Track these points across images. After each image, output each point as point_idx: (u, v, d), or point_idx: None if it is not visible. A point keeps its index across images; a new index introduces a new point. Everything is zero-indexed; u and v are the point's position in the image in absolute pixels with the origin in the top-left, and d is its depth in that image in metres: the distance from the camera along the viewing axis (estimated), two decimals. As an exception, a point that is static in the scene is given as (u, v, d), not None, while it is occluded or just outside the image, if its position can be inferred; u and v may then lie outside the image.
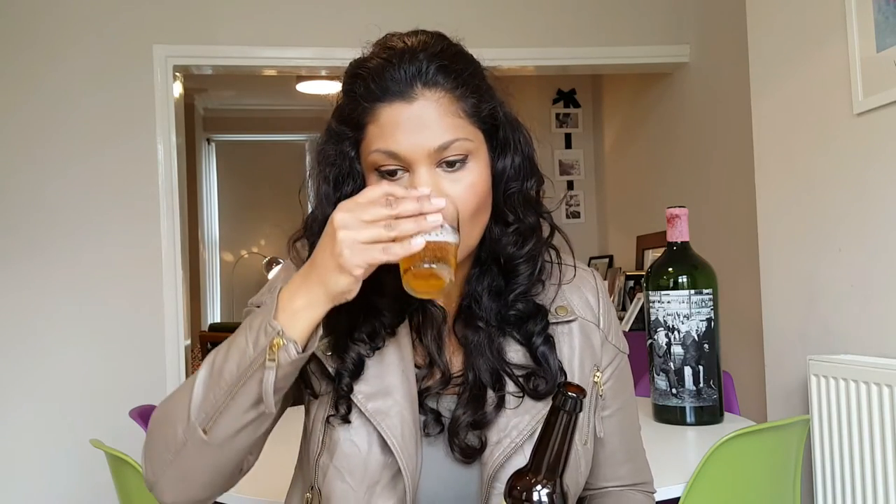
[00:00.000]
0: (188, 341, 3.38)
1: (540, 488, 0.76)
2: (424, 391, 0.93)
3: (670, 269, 1.86)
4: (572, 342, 0.97)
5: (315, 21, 3.31)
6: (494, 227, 0.93)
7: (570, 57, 3.52)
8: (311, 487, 0.93)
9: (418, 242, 0.76)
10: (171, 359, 3.14)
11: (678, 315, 1.81)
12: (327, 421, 0.91)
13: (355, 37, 0.98)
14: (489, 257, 0.95)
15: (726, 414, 1.88)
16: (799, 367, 2.09)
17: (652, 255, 4.06)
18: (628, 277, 4.20)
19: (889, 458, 1.69)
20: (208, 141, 6.51)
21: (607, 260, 4.73)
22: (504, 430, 0.90)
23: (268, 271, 6.47)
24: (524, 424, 0.90)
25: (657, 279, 1.86)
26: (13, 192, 3.07)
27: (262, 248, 6.77)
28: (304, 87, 4.93)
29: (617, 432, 1.02)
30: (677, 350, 1.81)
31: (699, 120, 3.56)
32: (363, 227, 0.76)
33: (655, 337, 1.84)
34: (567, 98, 5.04)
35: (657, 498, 1.11)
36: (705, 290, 1.82)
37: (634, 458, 1.05)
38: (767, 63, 2.28)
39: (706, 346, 1.81)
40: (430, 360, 0.94)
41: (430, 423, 0.92)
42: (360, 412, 0.89)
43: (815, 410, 1.91)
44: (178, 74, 3.34)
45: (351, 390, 0.90)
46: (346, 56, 0.94)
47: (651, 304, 1.86)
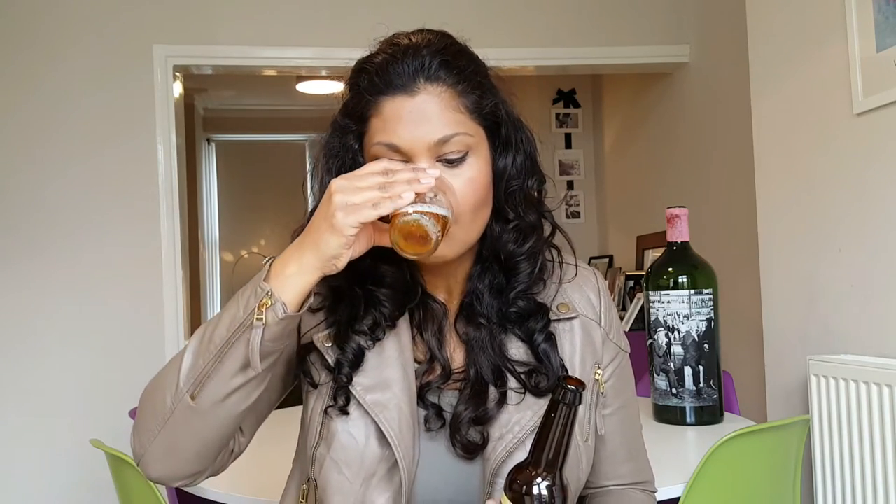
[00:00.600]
0: (188, 341, 3.38)
1: (540, 481, 0.77)
2: (425, 386, 0.93)
3: (670, 269, 1.86)
4: (573, 340, 0.97)
5: (315, 21, 3.31)
6: (495, 224, 0.94)
7: (570, 57, 3.52)
8: (308, 478, 0.93)
9: (408, 196, 0.79)
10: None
11: (678, 315, 1.81)
12: (325, 412, 0.91)
13: (355, 37, 0.99)
14: (490, 255, 0.96)
15: (726, 414, 1.88)
16: (799, 367, 2.09)
17: (652, 255, 4.06)
18: (628, 277, 4.20)
19: (889, 458, 1.69)
20: (208, 141, 6.51)
21: (607, 260, 4.73)
22: (506, 426, 0.91)
23: (268, 271, 6.46)
24: (526, 420, 0.90)
25: (657, 279, 1.86)
26: (13, 192, 3.07)
27: (262, 248, 6.77)
28: (304, 87, 4.93)
29: (618, 430, 1.02)
30: (677, 350, 1.81)
31: (699, 120, 3.56)
32: (358, 190, 0.80)
33: (655, 337, 1.84)
34: (567, 98, 5.04)
35: (657, 498, 1.11)
36: (705, 290, 1.82)
37: (636, 457, 1.05)
38: (767, 63, 2.28)
39: (706, 346, 1.81)
40: (431, 355, 0.94)
41: (432, 417, 0.92)
42: (359, 404, 0.90)
43: (815, 410, 1.91)
44: (178, 74, 3.34)
45: (350, 380, 0.90)
46: (346, 56, 0.95)
47: (651, 304, 1.86)
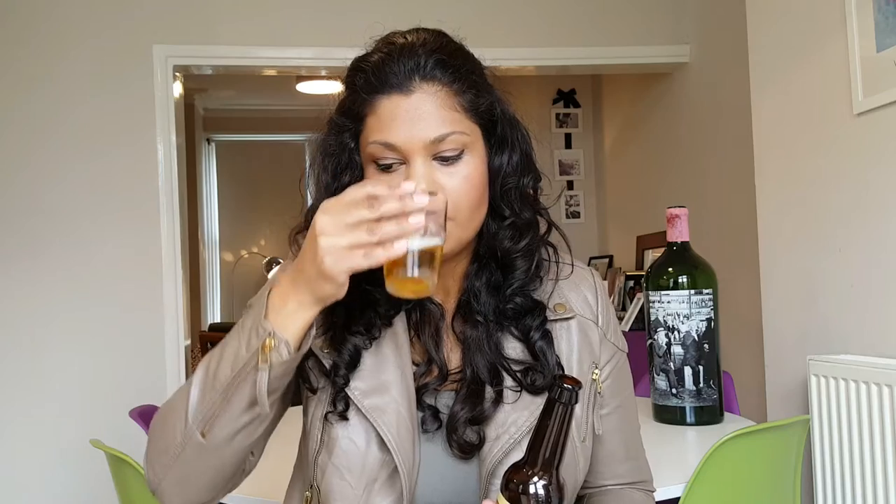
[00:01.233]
0: (188, 341, 3.38)
1: (536, 480, 0.77)
2: (422, 388, 0.93)
3: (670, 269, 1.86)
4: (571, 339, 0.98)
5: (315, 21, 3.31)
6: (491, 222, 0.95)
7: (570, 57, 3.52)
8: (311, 486, 0.93)
9: (401, 247, 0.75)
10: (171, 359, 3.14)
11: (678, 315, 1.81)
12: (325, 418, 0.91)
13: (355, 37, 0.99)
14: (487, 253, 0.96)
15: (726, 414, 1.87)
16: (799, 367, 2.09)
17: (652, 255, 4.06)
18: (628, 277, 4.20)
19: (889, 458, 1.69)
20: (208, 141, 6.51)
21: (607, 260, 4.73)
22: (502, 425, 0.91)
23: (268, 271, 6.47)
24: (522, 420, 0.90)
25: (657, 279, 1.86)
26: (13, 192, 3.07)
27: (262, 248, 6.77)
28: (304, 87, 4.93)
29: (616, 430, 1.02)
30: (677, 350, 1.81)
31: (699, 120, 3.56)
32: (345, 231, 0.75)
33: (655, 337, 1.84)
34: (567, 98, 5.04)
35: (657, 498, 1.11)
36: (705, 290, 1.82)
37: (634, 457, 1.05)
38: (767, 63, 2.28)
39: (706, 346, 1.81)
40: (428, 357, 0.94)
41: (428, 419, 0.92)
42: (358, 409, 0.89)
43: (815, 410, 1.91)
44: (178, 74, 3.34)
45: (347, 383, 0.90)
46: (346, 56, 0.95)
47: (651, 304, 1.86)
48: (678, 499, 1.34)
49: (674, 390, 1.81)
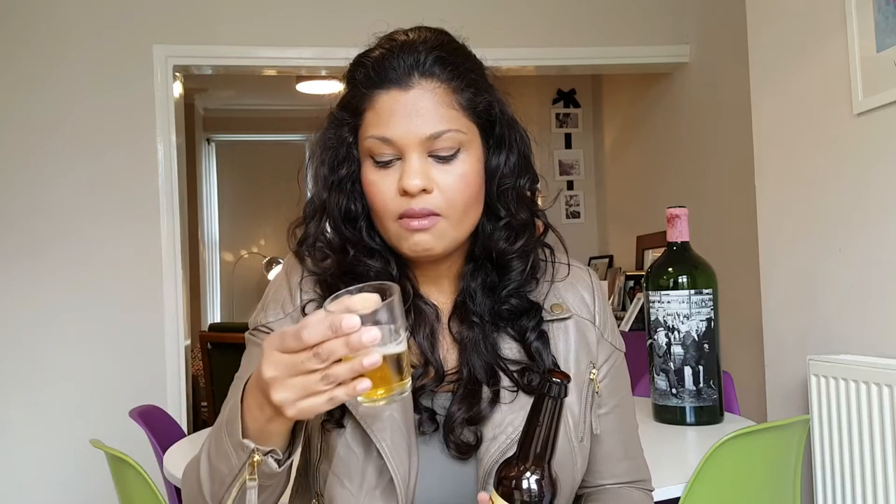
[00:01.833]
0: (188, 341, 3.38)
1: (529, 475, 0.77)
2: (419, 390, 0.93)
3: (670, 269, 1.86)
4: (568, 339, 0.98)
5: (315, 21, 3.31)
6: (487, 222, 0.95)
7: (570, 57, 3.52)
8: (316, 494, 0.93)
9: (364, 386, 0.71)
10: (171, 359, 3.14)
11: (678, 315, 1.81)
12: (323, 427, 0.91)
13: (355, 37, 0.99)
14: (482, 253, 0.96)
15: (726, 414, 1.87)
16: (799, 367, 2.09)
17: (652, 255, 4.06)
18: (628, 277, 4.20)
19: (889, 458, 1.69)
20: (208, 141, 6.51)
21: (607, 260, 4.73)
22: (499, 426, 0.91)
23: (268, 271, 6.46)
24: (519, 420, 0.90)
25: (657, 279, 1.86)
26: (13, 192, 3.07)
27: (262, 248, 6.76)
28: (304, 87, 4.93)
29: (614, 430, 1.02)
30: (677, 350, 1.81)
31: (699, 120, 3.56)
32: (296, 386, 0.71)
33: (655, 337, 1.84)
34: (567, 98, 5.04)
35: (657, 498, 1.11)
36: (705, 290, 1.82)
37: (632, 456, 1.05)
38: (767, 63, 2.28)
39: (706, 346, 1.81)
40: (425, 359, 0.94)
41: (425, 421, 0.92)
42: (352, 416, 0.89)
43: (815, 410, 1.91)
44: (178, 74, 3.34)
45: None
46: (346, 56, 0.96)
47: (651, 304, 1.86)
48: (678, 499, 1.34)
49: (674, 390, 1.81)
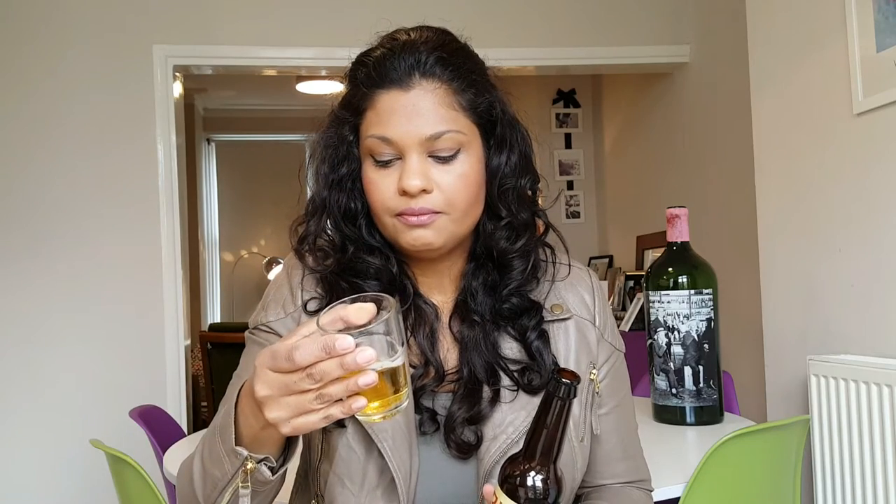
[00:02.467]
0: (188, 341, 3.38)
1: (534, 474, 0.77)
2: (419, 390, 0.93)
3: (670, 269, 1.86)
4: (568, 340, 0.98)
5: (315, 21, 3.31)
6: (488, 222, 0.95)
7: (570, 57, 3.52)
8: (315, 494, 0.93)
9: (359, 405, 0.70)
10: (171, 359, 3.14)
11: (678, 315, 1.81)
12: (324, 427, 0.91)
13: (355, 37, 1.00)
14: (483, 252, 0.96)
15: (726, 414, 1.87)
16: (799, 367, 2.09)
17: (652, 255, 4.06)
18: (628, 277, 4.20)
19: (889, 458, 1.69)
20: (208, 141, 6.51)
21: (607, 260, 4.73)
22: (500, 425, 0.91)
23: (268, 271, 6.46)
24: (520, 421, 0.90)
25: (657, 279, 1.86)
26: (13, 192, 3.07)
27: (262, 248, 6.76)
28: (304, 87, 4.93)
29: (614, 430, 1.02)
30: (677, 350, 1.81)
31: (699, 120, 3.56)
32: (290, 404, 0.70)
33: (655, 337, 1.84)
34: (567, 98, 5.04)
35: (656, 498, 1.11)
36: (705, 290, 1.82)
37: (632, 456, 1.05)
38: (767, 63, 2.28)
39: (706, 346, 1.81)
40: (425, 358, 0.94)
41: (426, 421, 0.92)
42: (353, 416, 0.89)
43: (815, 410, 1.91)
44: (178, 74, 3.34)
45: None
46: (347, 56, 0.96)
47: (651, 304, 1.86)
48: (678, 499, 1.34)
49: (674, 390, 1.81)
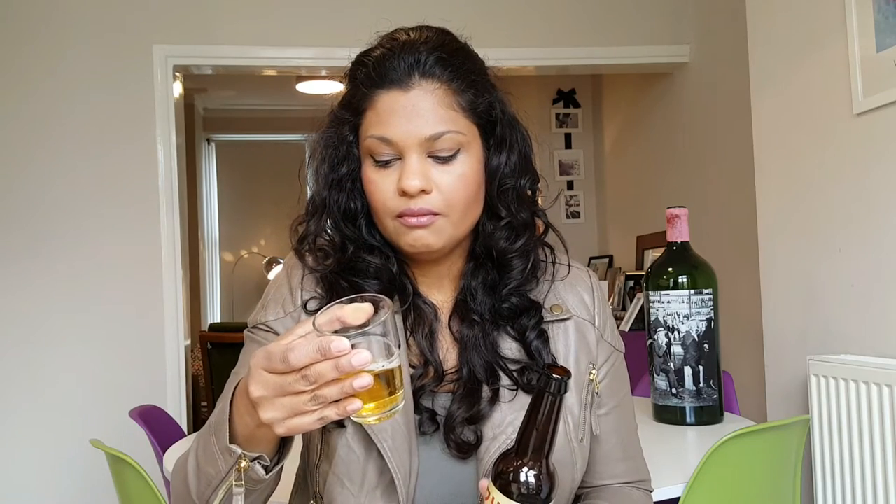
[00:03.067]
0: (188, 341, 3.38)
1: (527, 470, 0.77)
2: (419, 390, 0.93)
3: (670, 269, 1.86)
4: (567, 340, 0.98)
5: (315, 21, 3.31)
6: (488, 221, 0.95)
7: (570, 57, 3.52)
8: (314, 494, 0.93)
9: (354, 407, 0.69)
10: (171, 359, 3.14)
11: (678, 315, 1.81)
12: (324, 427, 0.91)
13: (355, 37, 1.00)
14: (483, 252, 0.96)
15: (726, 414, 1.87)
16: (799, 367, 2.09)
17: (652, 255, 4.06)
18: (628, 277, 4.20)
19: (889, 458, 1.69)
20: (208, 141, 6.51)
21: (607, 260, 4.73)
22: (500, 426, 0.91)
23: (268, 271, 6.46)
24: (519, 420, 0.90)
25: (657, 279, 1.86)
26: (13, 192, 3.07)
27: (262, 248, 6.76)
28: (304, 87, 4.93)
29: (613, 430, 1.02)
30: (677, 350, 1.81)
31: (699, 120, 3.56)
32: (285, 405, 0.69)
33: (655, 337, 1.84)
34: (567, 98, 5.04)
35: (656, 498, 1.11)
36: (705, 290, 1.82)
37: (632, 456, 1.05)
38: (767, 63, 2.28)
39: (706, 346, 1.81)
40: (424, 358, 0.94)
41: (426, 421, 0.92)
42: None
43: (815, 410, 1.91)
44: (178, 74, 3.34)
45: None
46: (347, 56, 0.96)
47: (651, 304, 1.86)
48: (678, 499, 1.34)
49: (674, 390, 1.81)
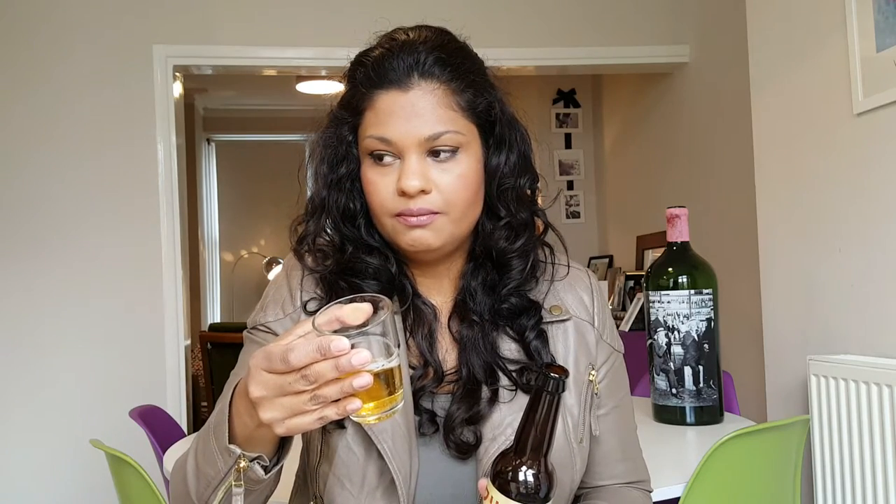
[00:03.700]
0: (188, 341, 3.38)
1: (525, 469, 0.77)
2: (419, 391, 0.93)
3: (670, 269, 1.86)
4: (567, 341, 0.98)
5: (315, 21, 3.31)
6: (487, 221, 0.95)
7: (570, 57, 3.52)
8: (314, 495, 0.93)
9: (354, 407, 0.69)
10: (171, 359, 3.14)
11: (678, 315, 1.81)
12: (324, 428, 0.91)
13: (355, 37, 1.00)
14: (483, 252, 0.96)
15: (726, 414, 1.87)
16: (799, 367, 2.09)
17: (652, 255, 4.06)
18: (628, 277, 4.20)
19: (889, 458, 1.69)
20: (208, 141, 6.51)
21: (607, 260, 4.73)
22: (499, 426, 0.91)
23: (268, 271, 6.46)
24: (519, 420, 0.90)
25: (657, 279, 1.86)
26: (13, 192, 3.07)
27: (262, 248, 6.76)
28: (304, 87, 4.93)
29: (613, 430, 1.02)
30: (677, 350, 1.81)
31: (699, 120, 3.56)
32: (285, 404, 0.69)
33: (655, 337, 1.84)
34: (567, 98, 5.04)
35: (656, 498, 1.11)
36: (705, 290, 1.82)
37: (631, 457, 1.05)
38: (767, 63, 2.28)
39: (706, 346, 1.81)
40: (424, 359, 0.94)
41: (425, 422, 0.92)
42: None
43: (815, 410, 1.91)
44: (178, 74, 3.34)
45: None
46: (347, 56, 0.96)
47: (651, 304, 1.86)
48: (678, 499, 1.34)
49: (674, 390, 1.81)
